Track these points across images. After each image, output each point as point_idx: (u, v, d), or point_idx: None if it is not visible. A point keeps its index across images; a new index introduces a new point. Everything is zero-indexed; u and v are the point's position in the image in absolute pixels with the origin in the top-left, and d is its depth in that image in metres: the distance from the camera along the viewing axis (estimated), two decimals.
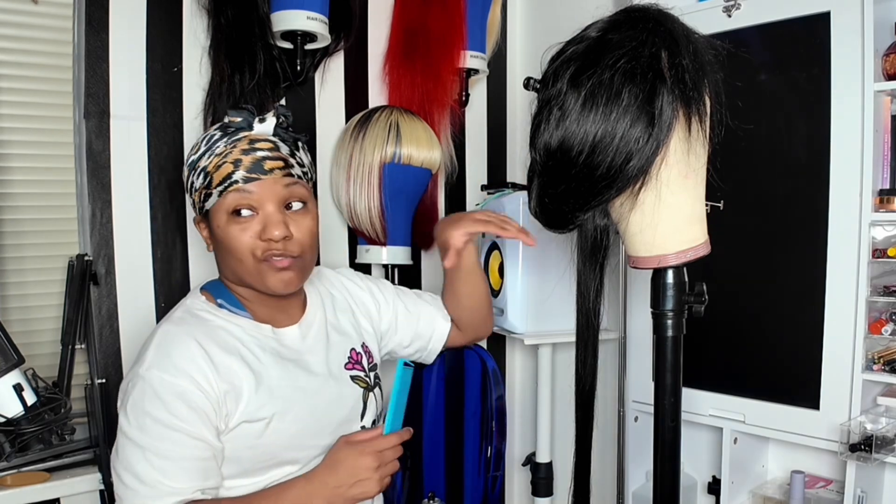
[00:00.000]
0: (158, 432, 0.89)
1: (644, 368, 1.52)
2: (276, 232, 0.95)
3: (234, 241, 0.96)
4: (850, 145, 1.19)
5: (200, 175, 0.97)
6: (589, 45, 0.87)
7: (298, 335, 1.07)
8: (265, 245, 0.96)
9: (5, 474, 1.22)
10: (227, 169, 0.95)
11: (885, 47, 1.19)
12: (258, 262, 0.97)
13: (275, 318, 1.06)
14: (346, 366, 1.11)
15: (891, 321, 1.20)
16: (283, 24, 1.47)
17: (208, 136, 0.99)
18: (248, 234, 0.96)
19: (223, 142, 0.97)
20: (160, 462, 0.89)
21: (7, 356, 1.26)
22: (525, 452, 1.88)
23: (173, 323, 0.99)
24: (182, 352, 0.93)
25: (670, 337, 0.96)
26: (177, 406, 0.90)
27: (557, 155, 0.88)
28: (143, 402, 0.91)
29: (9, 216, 1.41)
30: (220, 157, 0.96)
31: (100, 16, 1.39)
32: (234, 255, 0.97)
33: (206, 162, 0.97)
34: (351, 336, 1.15)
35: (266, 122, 0.98)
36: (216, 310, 1.02)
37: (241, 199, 0.95)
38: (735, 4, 1.33)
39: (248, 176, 0.95)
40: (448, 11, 1.67)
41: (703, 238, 0.93)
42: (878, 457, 1.13)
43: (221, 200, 0.96)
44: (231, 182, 0.95)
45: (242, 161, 0.95)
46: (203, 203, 0.99)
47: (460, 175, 1.92)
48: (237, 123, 0.98)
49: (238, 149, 0.96)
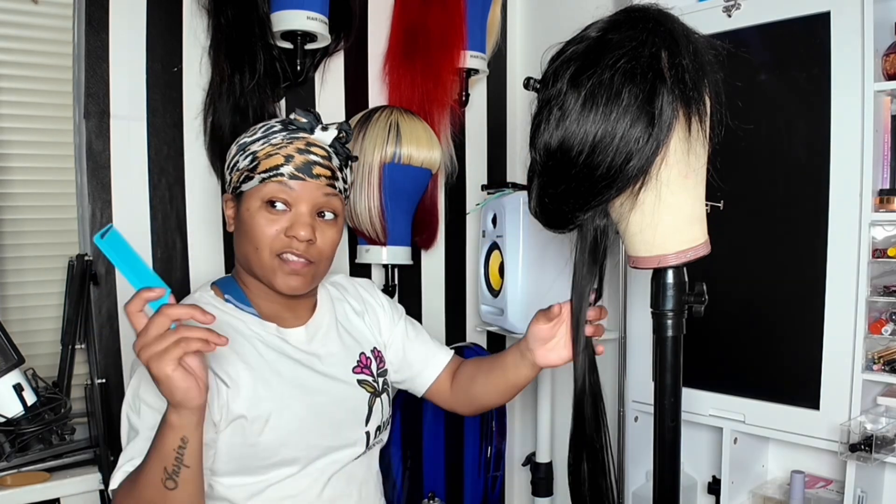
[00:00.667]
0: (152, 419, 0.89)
1: (644, 368, 1.52)
2: (301, 232, 0.97)
3: (259, 229, 0.97)
4: (850, 145, 1.19)
5: (248, 157, 0.99)
6: (589, 45, 0.87)
7: (304, 337, 1.07)
8: (286, 241, 0.97)
9: (5, 474, 1.22)
10: (277, 160, 0.97)
11: (885, 47, 1.19)
12: (273, 256, 0.98)
13: (281, 316, 1.06)
14: (354, 369, 1.10)
15: (891, 321, 1.20)
16: (283, 24, 1.47)
17: (268, 126, 1.01)
18: (274, 227, 0.97)
19: (282, 135, 0.99)
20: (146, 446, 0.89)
21: (7, 356, 1.26)
22: (525, 452, 1.88)
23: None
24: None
25: (670, 337, 0.96)
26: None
27: (557, 155, 0.88)
28: (139, 387, 0.92)
29: (9, 216, 1.41)
30: (274, 148, 0.98)
31: (100, 16, 1.39)
32: (252, 243, 0.98)
33: (258, 147, 0.98)
34: (361, 340, 1.15)
35: (328, 131, 1.01)
36: (222, 304, 1.03)
37: (280, 191, 0.97)
38: (735, 4, 1.33)
39: (295, 173, 0.97)
40: (448, 11, 1.68)
41: (703, 238, 0.93)
42: (878, 457, 1.13)
43: (261, 187, 0.97)
44: (277, 173, 0.97)
45: (295, 158, 0.97)
46: (240, 184, 1.00)
47: (460, 175, 1.92)
48: (301, 123, 1.00)
49: (294, 146, 0.98)
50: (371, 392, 1.11)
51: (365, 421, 1.09)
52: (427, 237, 1.82)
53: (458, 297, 1.97)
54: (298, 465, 1.00)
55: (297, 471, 1.00)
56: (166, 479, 0.82)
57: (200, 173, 1.52)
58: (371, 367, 1.14)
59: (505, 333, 1.71)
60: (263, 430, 0.96)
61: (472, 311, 1.98)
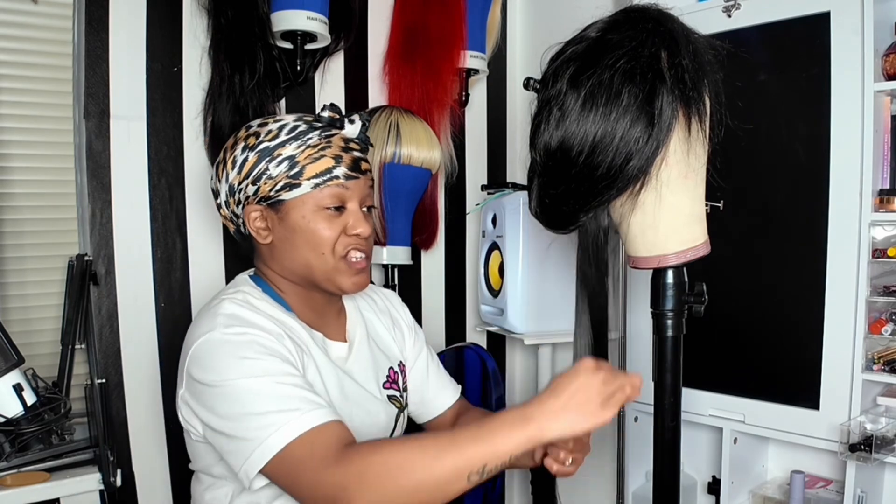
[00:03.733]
0: (260, 365, 0.86)
1: (644, 368, 1.52)
2: (361, 229, 0.97)
3: (321, 233, 0.96)
4: (850, 145, 1.19)
5: (284, 163, 0.94)
6: (589, 46, 0.87)
7: (345, 353, 1.06)
8: (349, 241, 0.98)
9: (5, 474, 1.22)
10: (327, 163, 0.95)
11: (885, 47, 1.19)
12: (338, 259, 0.98)
13: (319, 325, 1.04)
14: (384, 384, 1.09)
15: (891, 321, 1.20)
16: (283, 24, 1.47)
17: (290, 126, 0.96)
18: (336, 228, 0.97)
19: (315, 134, 0.96)
20: (280, 388, 0.84)
21: (7, 356, 1.26)
22: None
23: (237, 304, 0.95)
24: (259, 321, 0.92)
25: (670, 337, 0.96)
26: (269, 344, 0.89)
27: (557, 155, 0.88)
28: (232, 351, 0.87)
29: (9, 216, 1.41)
30: (316, 150, 0.95)
31: (100, 16, 1.39)
32: (317, 250, 0.97)
33: (295, 151, 0.95)
34: (389, 354, 1.14)
35: (354, 124, 1.00)
36: (273, 303, 1.00)
37: (341, 194, 0.96)
38: (735, 4, 1.33)
39: (350, 174, 0.97)
40: (448, 11, 1.67)
41: (703, 238, 0.94)
42: (878, 457, 1.13)
43: (315, 193, 0.95)
44: (332, 176, 0.95)
45: (343, 158, 0.96)
46: (279, 192, 0.95)
47: (460, 175, 1.92)
48: (328, 119, 0.99)
49: (335, 145, 0.97)
50: (398, 408, 1.10)
51: (390, 435, 1.08)
52: (427, 237, 1.82)
53: (458, 297, 1.97)
54: None
55: None
56: (473, 474, 0.77)
57: (200, 173, 1.52)
58: (398, 381, 1.12)
59: (505, 333, 1.71)
60: None
61: (472, 311, 1.98)
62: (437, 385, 1.20)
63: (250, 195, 0.97)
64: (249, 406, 0.84)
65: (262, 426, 0.82)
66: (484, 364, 1.71)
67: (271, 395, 0.84)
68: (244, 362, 0.86)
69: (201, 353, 0.89)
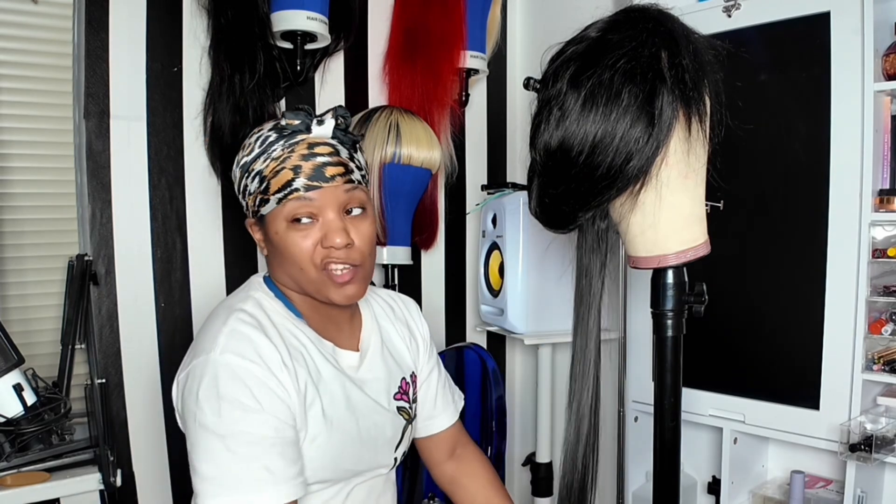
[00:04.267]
0: (237, 416, 0.85)
1: (644, 368, 1.52)
2: (337, 240, 0.91)
3: (294, 248, 0.92)
4: (850, 145, 1.19)
5: (255, 179, 0.93)
6: (589, 46, 0.87)
7: (357, 362, 1.03)
8: (326, 252, 0.93)
9: (5, 474, 1.22)
10: (286, 175, 0.90)
11: (885, 47, 1.19)
12: (319, 271, 0.93)
13: (330, 332, 1.02)
14: (395, 395, 1.07)
15: (891, 321, 1.20)
16: (283, 24, 1.47)
17: (262, 138, 0.94)
18: (308, 241, 0.92)
19: (280, 144, 0.92)
20: (246, 449, 0.84)
21: (7, 356, 1.26)
22: (525, 452, 1.88)
23: (246, 314, 0.93)
24: (259, 344, 0.90)
25: (670, 337, 0.96)
26: (256, 388, 0.86)
27: (557, 155, 0.88)
28: (217, 385, 0.85)
29: (9, 216, 1.41)
30: (278, 162, 0.91)
31: (100, 16, 1.39)
32: (294, 264, 0.94)
33: (262, 166, 0.92)
34: (402, 365, 1.11)
35: (325, 124, 0.93)
36: (284, 310, 0.98)
37: (302, 206, 0.91)
38: (735, 4, 1.33)
39: (309, 184, 0.91)
40: (448, 11, 1.67)
41: (703, 238, 0.93)
42: (878, 457, 1.13)
43: (280, 208, 0.92)
44: (291, 189, 0.91)
45: (302, 168, 0.90)
46: (258, 208, 0.94)
47: (460, 175, 1.92)
48: (294, 126, 0.93)
49: (297, 153, 0.91)
50: (407, 419, 1.09)
51: (395, 447, 1.07)
52: (427, 237, 1.82)
53: (458, 297, 1.97)
54: (326, 485, 0.97)
55: (319, 489, 0.97)
56: None
57: (200, 173, 1.52)
58: (409, 392, 1.10)
59: (505, 333, 1.71)
60: (310, 447, 0.93)
61: (472, 311, 1.98)
62: (441, 405, 1.19)
63: (245, 209, 0.99)
64: (212, 457, 0.84)
65: (213, 484, 0.84)
66: (484, 364, 1.71)
67: (235, 458, 0.84)
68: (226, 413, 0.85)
69: (195, 376, 0.89)
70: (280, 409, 0.88)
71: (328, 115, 0.94)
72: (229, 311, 0.94)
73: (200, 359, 0.89)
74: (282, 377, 0.89)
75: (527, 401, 2.03)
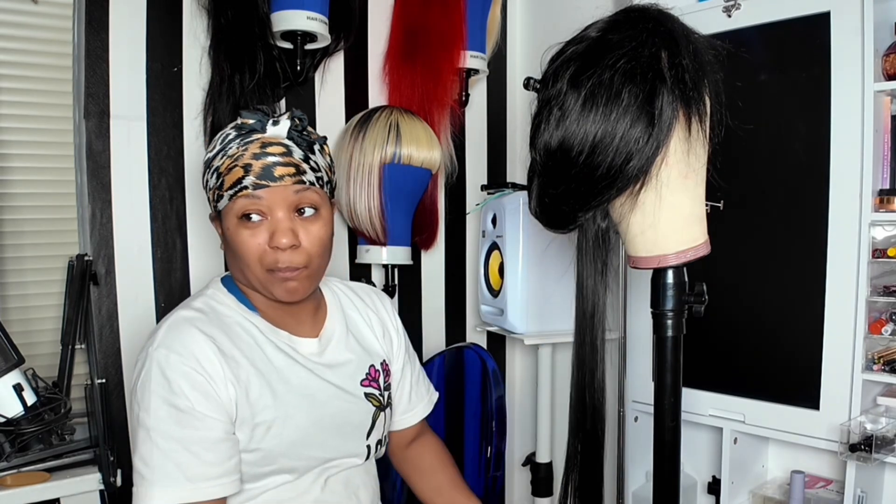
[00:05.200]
0: (165, 413, 0.88)
1: (644, 368, 1.52)
2: (283, 240, 0.93)
3: (243, 245, 0.95)
4: (850, 145, 1.19)
5: (214, 175, 0.96)
6: (589, 46, 0.87)
7: (317, 349, 1.05)
8: (273, 256, 0.94)
9: (5, 474, 1.22)
10: (237, 173, 0.93)
11: (885, 47, 1.19)
12: (264, 271, 0.95)
13: (288, 324, 1.04)
14: (363, 382, 1.08)
15: (891, 321, 1.20)
16: (283, 24, 1.47)
17: (223, 136, 0.96)
18: (256, 239, 0.94)
19: (236, 143, 0.94)
20: (166, 444, 0.87)
21: (7, 356, 1.26)
22: (525, 452, 1.88)
23: (192, 310, 0.97)
24: (193, 338, 0.93)
25: (670, 337, 0.96)
26: (182, 385, 0.89)
27: (557, 155, 0.88)
28: (149, 381, 0.89)
29: (9, 216, 1.41)
30: (232, 160, 0.93)
31: (100, 16, 1.39)
32: (243, 261, 0.96)
33: (219, 162, 0.95)
34: (371, 352, 1.13)
35: (280, 124, 0.95)
36: (236, 304, 1.01)
37: (250, 204, 0.93)
38: (735, 4, 1.33)
39: (258, 182, 0.92)
40: (448, 11, 1.67)
41: (703, 238, 0.94)
42: (878, 457, 1.13)
43: (231, 204, 0.94)
44: (241, 187, 0.93)
45: (253, 166, 0.92)
46: (216, 203, 0.98)
47: (460, 175, 1.92)
48: (250, 125, 0.95)
49: (249, 152, 0.93)
50: (377, 406, 1.10)
51: (367, 434, 1.08)
52: (427, 237, 1.82)
53: (458, 297, 1.97)
54: (295, 475, 0.99)
55: (291, 480, 0.98)
56: None
57: (200, 173, 1.51)
58: (379, 380, 1.12)
59: (505, 333, 1.71)
60: (265, 436, 0.95)
61: (472, 311, 1.98)
62: (416, 399, 1.22)
63: (209, 203, 1.02)
64: (139, 448, 0.89)
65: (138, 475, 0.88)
66: (484, 364, 1.71)
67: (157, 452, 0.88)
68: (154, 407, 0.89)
69: (136, 370, 0.94)
70: (207, 407, 0.90)
71: (284, 115, 0.97)
72: (180, 308, 0.99)
73: (142, 353, 0.94)
74: (212, 371, 0.91)
75: (527, 401, 2.03)
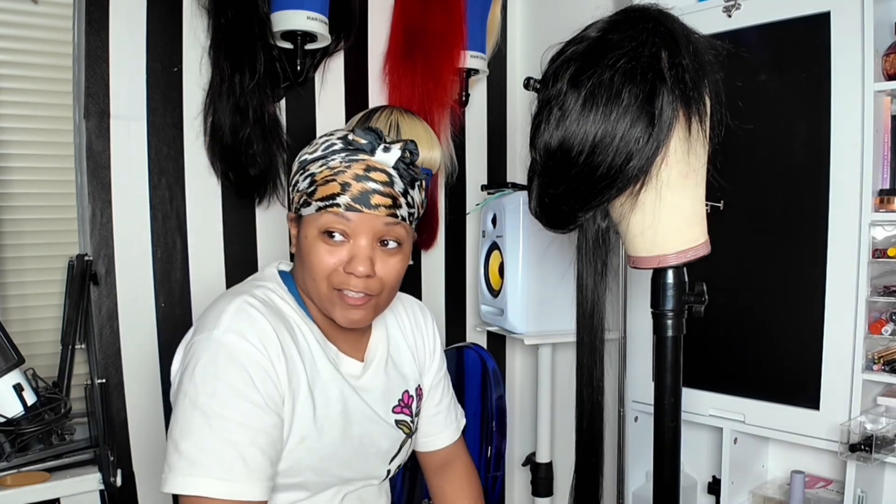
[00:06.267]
0: (229, 400, 0.84)
1: (644, 368, 1.52)
2: (360, 268, 0.90)
3: (317, 259, 0.91)
4: (850, 145, 1.19)
5: (307, 179, 0.92)
6: (589, 46, 0.87)
7: (359, 371, 1.02)
8: (345, 277, 0.91)
9: (5, 474, 1.22)
10: (333, 188, 0.89)
11: (885, 47, 1.19)
12: (331, 289, 0.92)
13: (336, 339, 1.01)
14: (395, 408, 1.06)
15: (891, 321, 1.20)
16: (283, 24, 1.47)
17: (329, 143, 0.93)
18: (333, 258, 0.91)
19: (340, 156, 0.91)
20: (229, 434, 0.83)
21: (7, 356, 1.26)
22: (525, 452, 1.88)
23: (255, 298, 0.92)
24: (263, 327, 0.88)
25: (670, 337, 0.96)
26: (255, 376, 0.85)
27: (557, 155, 0.88)
28: (216, 366, 0.85)
29: (9, 216, 1.41)
30: (332, 172, 0.90)
31: (100, 16, 1.39)
32: (310, 273, 0.93)
33: (317, 169, 0.91)
34: (407, 377, 1.10)
35: (390, 152, 0.92)
36: (296, 305, 0.98)
37: (337, 223, 0.90)
38: (735, 4, 1.33)
39: (352, 205, 0.89)
40: (448, 11, 1.68)
41: (703, 238, 0.94)
42: (878, 457, 1.13)
43: (318, 216, 0.91)
44: (333, 203, 0.89)
45: (352, 187, 0.89)
46: (300, 207, 0.94)
47: (460, 175, 1.92)
48: (360, 144, 0.91)
49: (352, 171, 0.89)
50: (406, 433, 1.07)
51: (390, 459, 1.06)
52: (427, 237, 1.82)
53: (458, 297, 1.97)
54: (312, 492, 0.97)
55: (309, 496, 0.96)
56: None
57: (200, 173, 1.52)
58: (412, 406, 1.09)
59: (505, 333, 1.71)
60: (297, 447, 0.92)
61: (472, 311, 1.98)
62: (444, 423, 1.18)
63: (289, 202, 0.98)
64: (194, 434, 0.83)
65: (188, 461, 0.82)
66: (484, 364, 1.71)
67: (216, 440, 0.82)
68: (220, 394, 0.84)
69: (196, 353, 0.88)
70: (273, 399, 0.87)
71: (397, 144, 0.93)
72: (237, 294, 0.92)
73: (202, 335, 0.87)
74: (279, 368, 0.88)
75: (527, 401, 2.03)
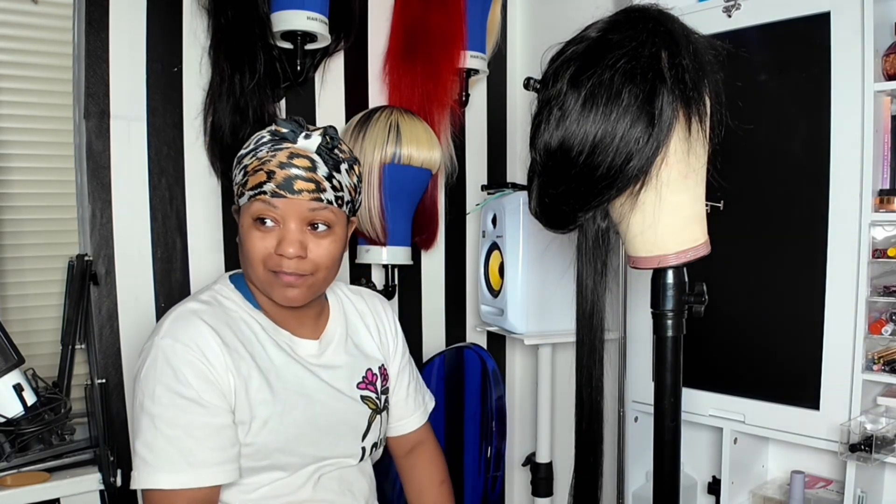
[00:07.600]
0: (167, 399, 0.90)
1: (644, 368, 1.52)
2: (290, 250, 0.96)
3: (251, 245, 0.97)
4: (850, 145, 1.19)
5: (241, 172, 0.99)
6: (589, 46, 0.87)
7: (316, 351, 1.07)
8: (277, 260, 0.97)
9: (5, 474, 1.22)
10: (260, 177, 0.95)
11: (885, 47, 1.19)
12: (267, 272, 0.98)
13: (290, 324, 1.06)
14: (359, 384, 1.11)
15: (891, 321, 1.20)
16: (283, 24, 1.47)
17: (259, 137, 0.99)
18: (265, 243, 0.97)
19: (267, 147, 0.97)
20: (170, 430, 0.89)
21: (7, 356, 1.26)
22: (525, 452, 1.88)
23: (198, 302, 1.00)
24: (198, 328, 0.95)
25: (670, 337, 0.96)
26: (187, 374, 0.91)
27: (557, 155, 0.88)
28: (154, 369, 0.92)
29: (9, 216, 1.41)
30: (259, 162, 0.96)
31: (100, 16, 1.39)
32: (249, 259, 0.99)
33: (248, 161, 0.98)
34: (370, 356, 1.15)
35: (311, 138, 0.98)
36: (241, 300, 1.04)
37: (266, 210, 0.96)
38: (735, 4, 1.33)
39: (277, 191, 0.95)
40: (448, 11, 1.67)
41: (703, 238, 0.94)
42: (878, 457, 1.13)
43: (249, 204, 0.97)
44: (261, 191, 0.95)
45: (276, 174, 0.95)
46: (238, 198, 1.01)
47: (460, 175, 1.92)
48: (283, 133, 0.97)
49: (276, 159, 0.95)
50: (373, 409, 1.11)
51: (362, 436, 1.09)
52: (427, 237, 1.82)
53: (458, 297, 1.97)
54: (289, 471, 1.00)
55: (284, 477, 1.00)
56: None
57: (200, 173, 1.52)
58: (376, 383, 1.14)
59: (505, 333, 1.71)
60: (261, 431, 0.96)
61: (472, 311, 1.98)
62: (412, 406, 1.24)
63: (234, 196, 1.04)
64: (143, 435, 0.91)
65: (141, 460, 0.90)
66: (484, 364, 1.71)
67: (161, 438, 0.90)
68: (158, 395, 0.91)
69: (142, 359, 0.95)
70: (210, 395, 0.92)
71: (317, 131, 0.99)
72: (185, 302, 1.01)
73: (148, 343, 0.96)
74: (216, 362, 0.94)
75: (527, 401, 2.03)
